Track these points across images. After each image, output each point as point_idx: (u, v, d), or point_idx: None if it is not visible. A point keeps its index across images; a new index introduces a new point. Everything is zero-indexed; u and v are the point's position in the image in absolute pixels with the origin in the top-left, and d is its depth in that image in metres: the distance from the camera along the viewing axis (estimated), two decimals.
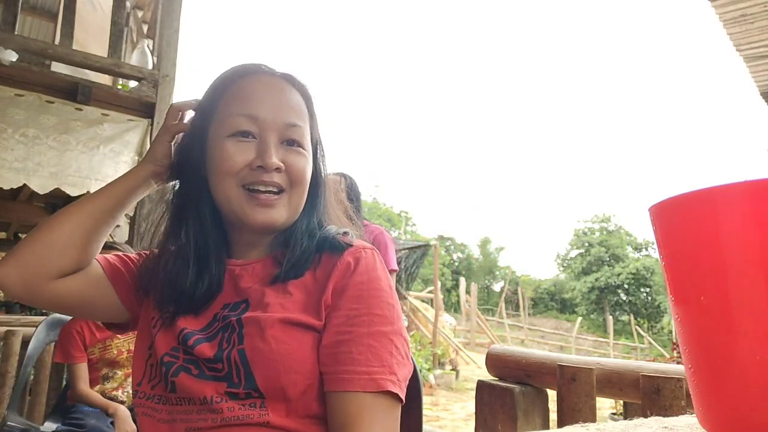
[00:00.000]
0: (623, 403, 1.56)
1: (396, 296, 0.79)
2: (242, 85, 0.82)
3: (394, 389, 0.69)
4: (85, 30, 4.32)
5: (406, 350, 0.75)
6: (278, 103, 0.81)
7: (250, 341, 0.71)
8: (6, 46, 2.85)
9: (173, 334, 0.76)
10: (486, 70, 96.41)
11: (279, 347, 0.70)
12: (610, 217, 42.82)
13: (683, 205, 0.37)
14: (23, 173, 2.87)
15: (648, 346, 22.62)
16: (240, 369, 0.70)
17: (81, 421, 2.01)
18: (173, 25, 3.42)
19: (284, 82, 0.84)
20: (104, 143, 3.11)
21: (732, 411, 0.34)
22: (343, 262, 0.77)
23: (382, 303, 0.74)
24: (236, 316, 0.74)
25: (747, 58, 4.54)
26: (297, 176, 0.80)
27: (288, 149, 0.80)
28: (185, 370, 0.72)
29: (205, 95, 0.85)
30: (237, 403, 0.69)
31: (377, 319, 0.73)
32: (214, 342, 0.73)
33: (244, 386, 0.69)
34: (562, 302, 41.42)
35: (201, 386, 0.71)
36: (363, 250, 0.80)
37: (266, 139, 0.78)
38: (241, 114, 0.79)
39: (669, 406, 1.16)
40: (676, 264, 0.38)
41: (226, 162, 0.77)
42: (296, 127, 0.81)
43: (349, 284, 0.75)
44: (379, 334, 0.72)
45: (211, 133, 0.81)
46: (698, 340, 0.37)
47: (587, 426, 0.56)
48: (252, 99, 0.80)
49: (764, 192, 0.33)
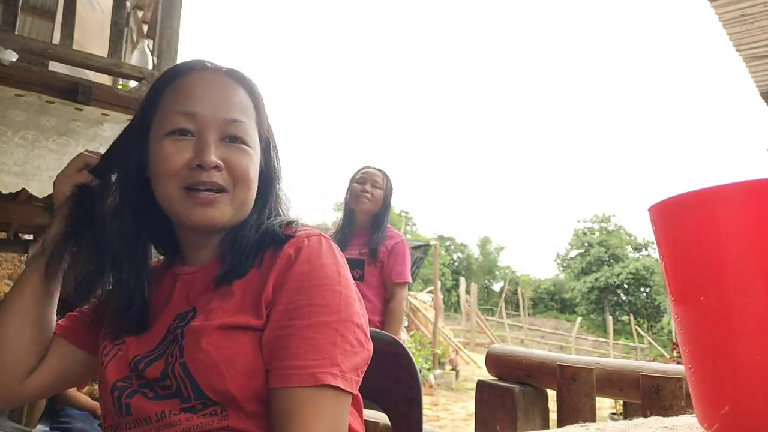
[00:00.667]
0: (623, 403, 1.56)
1: (347, 282, 0.74)
2: (182, 82, 0.78)
3: (335, 382, 0.66)
4: (85, 30, 4.32)
5: (358, 337, 0.71)
6: (218, 99, 0.77)
7: (189, 353, 0.69)
8: (6, 46, 2.85)
9: (125, 362, 0.74)
10: (486, 70, 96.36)
11: (218, 354, 0.67)
12: (609, 217, 42.85)
13: (683, 205, 0.37)
14: (22, 177, 2.86)
15: (648, 346, 22.62)
16: (186, 382, 0.68)
17: (68, 424, 2.01)
18: (173, 26, 3.42)
19: (226, 78, 0.80)
20: (104, 145, 3.11)
21: (732, 411, 0.34)
22: (284, 255, 0.73)
23: (325, 292, 0.70)
24: (182, 327, 0.72)
25: (747, 58, 4.54)
26: (239, 174, 0.76)
27: (229, 146, 0.76)
28: (141, 394, 0.71)
29: (146, 94, 0.82)
30: (195, 414, 0.68)
31: (318, 309, 0.69)
32: (161, 359, 0.71)
33: (195, 398, 0.68)
34: (562, 302, 41.43)
35: (155, 406, 0.69)
36: (306, 238, 0.75)
37: (205, 137, 0.75)
38: (178, 111, 0.75)
39: (669, 406, 1.16)
40: (676, 264, 0.38)
41: (165, 163, 0.74)
42: (238, 123, 0.77)
43: (288, 276, 0.71)
44: (320, 324, 0.68)
45: (151, 133, 0.78)
46: (698, 340, 0.37)
47: (587, 426, 0.56)
48: (190, 96, 0.76)
49: (764, 192, 0.33)
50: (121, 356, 0.75)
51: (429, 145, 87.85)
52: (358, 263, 2.50)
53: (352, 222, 2.62)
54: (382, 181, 2.59)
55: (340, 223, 2.67)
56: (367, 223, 2.58)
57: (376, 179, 2.58)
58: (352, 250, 2.53)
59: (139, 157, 0.80)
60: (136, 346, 0.75)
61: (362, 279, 2.49)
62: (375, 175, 2.60)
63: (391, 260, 2.51)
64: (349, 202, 2.61)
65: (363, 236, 2.57)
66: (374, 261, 2.50)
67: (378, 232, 2.53)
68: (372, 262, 2.50)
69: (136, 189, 0.80)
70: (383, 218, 2.58)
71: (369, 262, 2.50)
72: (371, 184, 2.56)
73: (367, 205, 2.53)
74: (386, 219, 2.60)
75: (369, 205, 2.53)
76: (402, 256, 2.54)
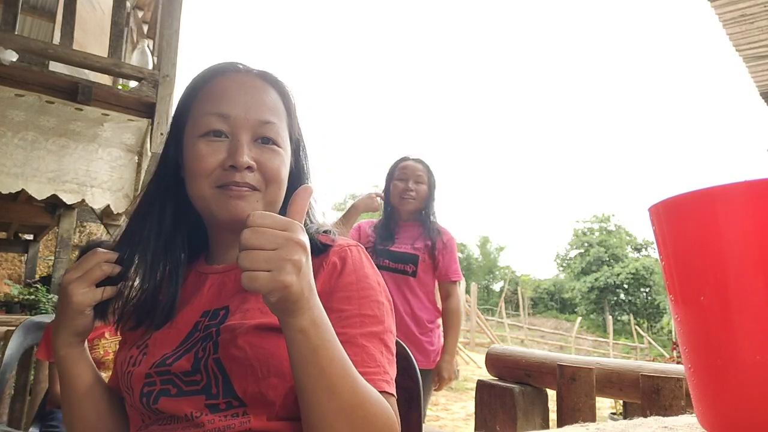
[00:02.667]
0: (623, 402, 1.56)
1: (386, 291, 0.78)
2: (215, 84, 0.80)
3: (389, 389, 0.70)
4: (85, 30, 4.32)
5: (393, 347, 0.75)
6: (251, 101, 0.79)
7: (224, 350, 0.70)
8: (6, 46, 2.85)
9: (147, 364, 0.74)
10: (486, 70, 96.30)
11: (255, 352, 0.69)
12: (609, 217, 42.89)
13: (683, 206, 0.37)
14: (21, 178, 2.86)
15: (647, 345, 22.64)
16: (218, 378, 0.69)
17: (57, 428, 2.00)
18: (173, 26, 3.42)
19: (259, 80, 0.82)
20: (103, 146, 3.11)
21: (732, 411, 0.35)
22: (329, 263, 0.76)
23: (372, 303, 0.74)
24: (216, 325, 0.73)
25: (747, 58, 4.54)
26: (271, 175, 0.78)
27: (262, 147, 0.78)
28: (164, 393, 0.71)
29: (181, 96, 0.84)
30: (217, 415, 0.68)
31: (368, 320, 0.72)
32: (191, 353, 0.72)
33: (223, 395, 0.68)
34: (562, 302, 41.45)
35: (180, 405, 0.70)
36: (348, 248, 0.78)
37: (238, 138, 0.76)
38: (212, 113, 0.77)
39: (668, 406, 1.16)
40: (676, 264, 0.38)
41: (199, 163, 0.76)
42: (270, 125, 0.79)
43: (338, 285, 0.74)
44: (370, 334, 0.71)
45: (186, 133, 0.80)
46: (698, 340, 0.37)
47: (587, 426, 0.56)
48: (224, 97, 0.78)
49: (764, 192, 0.33)
50: (145, 360, 0.75)
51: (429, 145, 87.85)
52: (412, 258, 2.37)
53: (395, 217, 2.48)
54: (425, 174, 2.42)
55: (383, 217, 2.51)
56: (413, 216, 2.46)
57: (418, 174, 2.41)
58: (403, 244, 2.40)
59: (175, 158, 0.82)
60: (161, 345, 0.76)
61: (415, 275, 2.36)
62: (417, 169, 2.42)
63: (447, 258, 2.39)
64: (391, 200, 2.45)
65: (412, 230, 2.44)
66: (431, 258, 2.37)
67: (430, 226, 2.40)
68: (427, 259, 2.37)
69: (172, 189, 0.82)
70: (431, 212, 2.44)
71: (423, 259, 2.37)
72: (414, 180, 2.40)
73: (413, 205, 2.40)
74: (434, 213, 2.46)
75: (414, 204, 2.40)
76: (455, 252, 2.44)
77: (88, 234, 7.79)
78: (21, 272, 7.40)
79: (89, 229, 7.80)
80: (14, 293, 4.92)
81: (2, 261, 7.71)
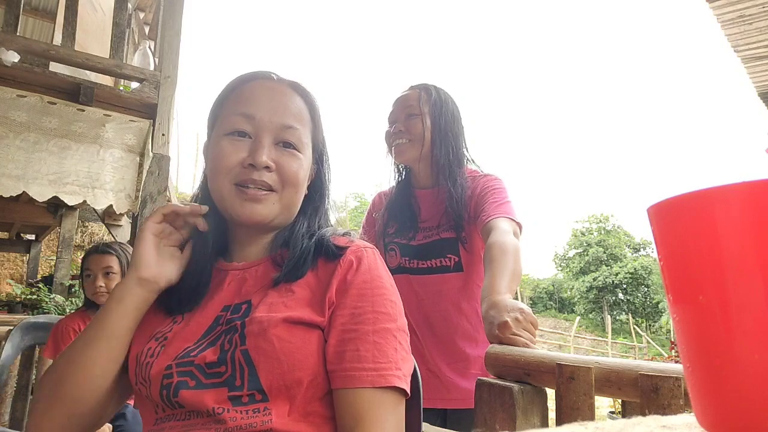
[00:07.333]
0: (621, 401, 1.56)
1: (397, 293, 0.81)
2: (246, 88, 0.84)
3: (401, 384, 0.71)
4: (86, 31, 4.31)
5: (408, 345, 0.77)
6: (277, 105, 0.82)
7: (253, 341, 0.71)
8: (8, 47, 2.86)
9: (168, 356, 0.74)
10: (485, 70, 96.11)
11: (283, 346, 0.70)
12: (608, 217, 42.85)
13: (682, 206, 0.37)
14: (23, 181, 2.86)
15: (646, 345, 22.63)
16: (244, 369, 0.70)
17: None
18: (175, 27, 3.42)
19: (287, 88, 0.86)
20: (105, 147, 3.11)
21: (730, 409, 0.35)
22: (346, 260, 0.78)
23: (385, 301, 0.76)
24: (239, 318, 0.74)
25: (745, 58, 4.55)
26: (288, 177, 0.81)
27: (282, 150, 0.81)
28: (183, 386, 0.71)
29: (215, 98, 0.88)
30: (239, 411, 0.68)
31: (381, 316, 0.74)
32: (215, 346, 0.73)
33: (248, 387, 0.69)
34: (561, 301, 41.40)
35: (201, 397, 0.69)
36: (364, 249, 0.81)
37: (260, 139, 0.80)
38: (238, 113, 0.81)
39: (667, 405, 1.17)
40: (675, 264, 0.39)
41: (221, 160, 0.80)
42: (292, 129, 0.82)
43: (353, 282, 0.76)
44: (383, 331, 0.73)
45: (214, 133, 0.84)
46: (696, 340, 0.37)
47: (586, 424, 0.57)
48: (252, 100, 0.82)
49: (763, 192, 0.33)
50: (164, 352, 0.75)
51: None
52: (450, 245, 1.57)
53: (409, 186, 1.69)
54: (419, 102, 1.58)
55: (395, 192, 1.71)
56: (428, 175, 1.63)
57: (409, 104, 1.59)
58: (429, 228, 1.61)
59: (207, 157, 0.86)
60: (181, 339, 0.76)
61: (461, 269, 1.57)
62: (407, 99, 1.61)
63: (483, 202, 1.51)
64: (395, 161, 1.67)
65: (434, 198, 1.61)
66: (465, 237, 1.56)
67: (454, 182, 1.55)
68: (464, 239, 1.56)
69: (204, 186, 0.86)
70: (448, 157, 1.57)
71: (462, 239, 1.56)
72: (406, 115, 1.59)
73: (409, 152, 1.58)
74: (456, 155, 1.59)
75: (410, 151, 1.58)
76: (494, 191, 1.54)
77: (90, 234, 7.77)
78: (23, 272, 7.39)
79: (91, 229, 7.78)
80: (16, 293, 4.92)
81: (4, 261, 7.70)
